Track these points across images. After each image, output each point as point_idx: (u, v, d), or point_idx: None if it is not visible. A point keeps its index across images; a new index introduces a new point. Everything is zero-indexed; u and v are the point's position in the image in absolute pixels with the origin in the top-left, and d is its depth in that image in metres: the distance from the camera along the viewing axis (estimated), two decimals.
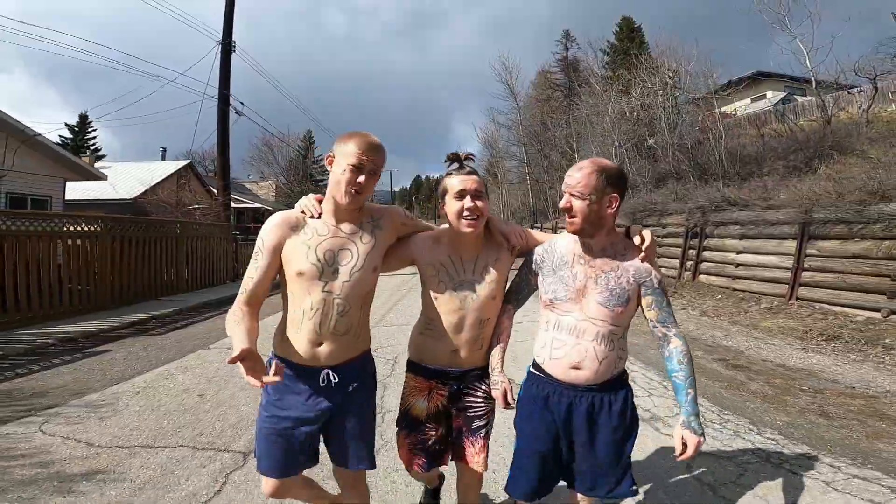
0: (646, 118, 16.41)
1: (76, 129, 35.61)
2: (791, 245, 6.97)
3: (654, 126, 16.22)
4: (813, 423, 3.05)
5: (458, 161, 1.52)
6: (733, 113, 24.24)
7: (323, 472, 2.03)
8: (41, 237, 6.41)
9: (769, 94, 27.56)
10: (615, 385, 1.45)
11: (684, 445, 1.32)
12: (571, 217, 1.39)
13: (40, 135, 10.40)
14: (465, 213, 1.43)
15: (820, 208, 6.61)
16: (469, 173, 1.48)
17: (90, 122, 36.16)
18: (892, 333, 5.28)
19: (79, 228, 7.20)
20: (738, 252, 8.13)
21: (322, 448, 1.52)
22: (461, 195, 1.43)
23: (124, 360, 4.57)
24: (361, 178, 1.36)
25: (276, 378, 1.19)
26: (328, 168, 1.42)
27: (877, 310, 5.69)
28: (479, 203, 1.44)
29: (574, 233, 1.42)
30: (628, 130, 16.99)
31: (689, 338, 5.66)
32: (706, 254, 9.03)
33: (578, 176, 1.36)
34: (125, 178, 18.91)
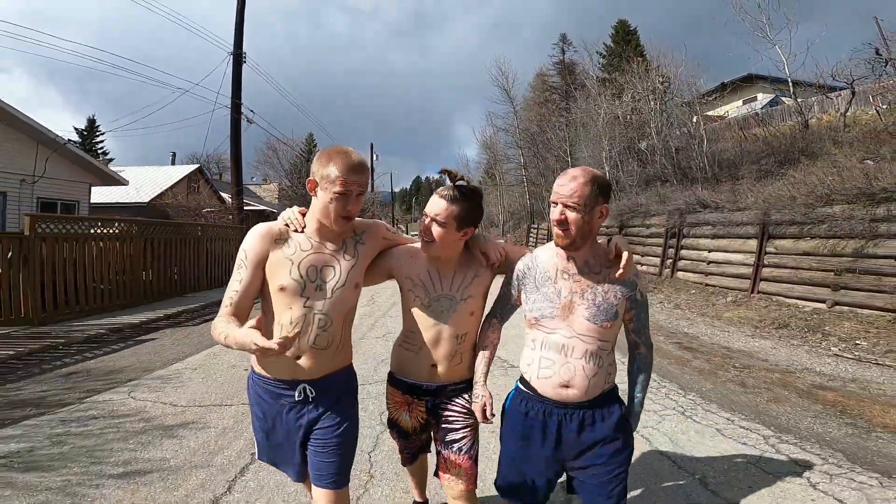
0: (636, 122, 17.16)
1: (85, 132, 36.45)
2: (753, 244, 7.79)
3: (644, 130, 16.99)
4: (730, 390, 3.88)
5: (450, 178, 1.51)
6: (725, 115, 25.00)
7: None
8: (87, 240, 7.26)
9: (759, 96, 28.30)
10: (607, 400, 1.43)
11: None
12: (564, 229, 1.33)
13: (70, 142, 11.24)
14: (423, 233, 1.50)
15: (776, 211, 7.43)
16: (444, 198, 1.45)
17: (98, 126, 37.04)
18: (832, 322, 6.09)
19: (116, 231, 8.05)
20: (710, 251, 8.94)
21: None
22: (426, 215, 1.48)
23: (173, 345, 5.42)
24: (350, 206, 1.36)
25: (292, 335, 1.14)
26: (311, 194, 1.39)
27: (822, 301, 6.50)
28: (434, 227, 1.45)
29: (565, 247, 1.37)
30: (620, 134, 17.75)
31: (657, 326, 6.49)
32: (683, 252, 9.84)
33: (573, 186, 1.30)
34: (138, 181, 19.74)
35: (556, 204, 1.33)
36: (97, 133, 36.99)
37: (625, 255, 1.37)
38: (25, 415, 3.29)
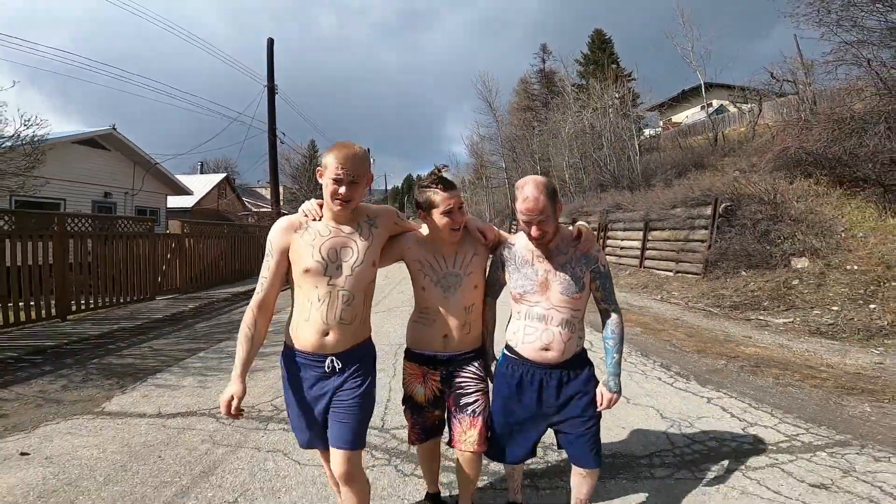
0: (592, 135, 20.95)
1: None
2: (640, 234, 11.70)
3: (599, 142, 20.80)
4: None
5: (440, 180, 1.68)
6: (680, 123, 28.74)
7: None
8: (206, 237, 11.07)
9: (714, 102, 32.01)
10: (578, 362, 1.73)
11: (601, 398, 1.71)
12: (541, 239, 1.62)
13: (159, 163, 15.01)
14: (454, 227, 1.68)
15: (652, 212, 11.34)
16: (451, 188, 1.67)
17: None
18: (670, 282, 10.00)
19: (225, 231, 11.88)
20: (621, 239, 12.84)
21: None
22: (449, 213, 1.65)
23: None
24: (342, 190, 1.51)
25: (234, 414, 1.46)
26: (319, 180, 1.58)
27: (670, 270, 10.42)
28: (461, 216, 1.69)
29: (546, 246, 1.67)
30: (584, 143, 21.42)
31: None
32: (609, 241, 13.74)
33: (533, 205, 1.56)
34: None
35: (529, 223, 1.60)
36: None
37: (584, 232, 1.73)
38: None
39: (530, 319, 1.70)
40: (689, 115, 30.69)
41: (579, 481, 1.80)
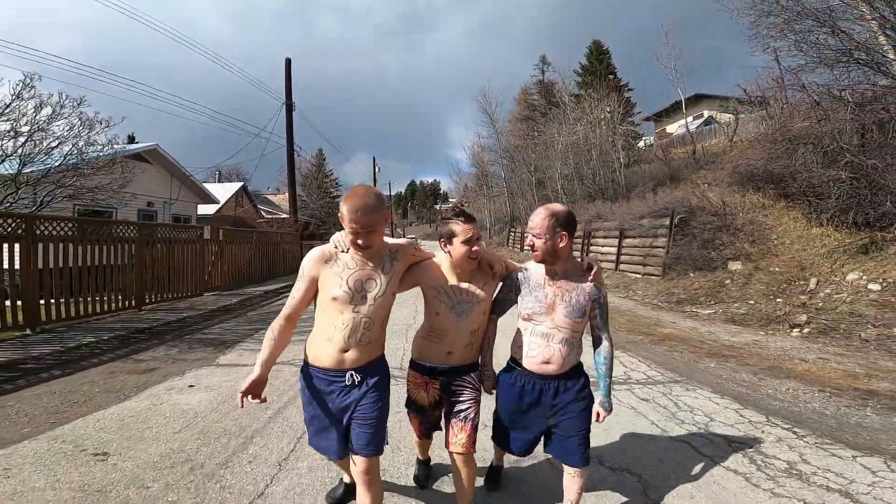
0: (584, 148, 22.62)
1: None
2: (616, 241, 13.38)
3: (589, 154, 22.46)
4: None
5: (462, 213, 1.92)
6: (671, 134, 30.18)
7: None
8: (240, 242, 12.89)
9: (706, 112, 33.47)
10: (575, 372, 1.99)
11: (598, 415, 1.98)
12: (535, 251, 1.90)
13: (192, 175, 16.87)
14: (472, 256, 1.89)
15: (624, 221, 13.03)
16: (470, 220, 1.90)
17: (136, 141, 42.55)
18: (636, 283, 11.67)
19: (253, 237, 13.70)
20: (602, 246, 14.52)
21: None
22: (468, 242, 1.87)
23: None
24: (360, 241, 1.68)
25: (257, 400, 1.64)
26: (343, 225, 1.71)
27: (639, 273, 12.09)
28: (478, 247, 1.90)
29: (539, 261, 1.93)
30: (577, 154, 23.04)
31: None
32: (592, 248, 15.42)
33: (536, 220, 1.87)
34: None
35: (528, 235, 1.91)
36: None
37: (595, 267, 1.95)
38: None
39: (535, 336, 1.94)
40: (681, 125, 32.20)
41: (570, 482, 2.01)
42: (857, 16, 8.90)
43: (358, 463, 1.78)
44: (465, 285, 1.96)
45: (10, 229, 6.13)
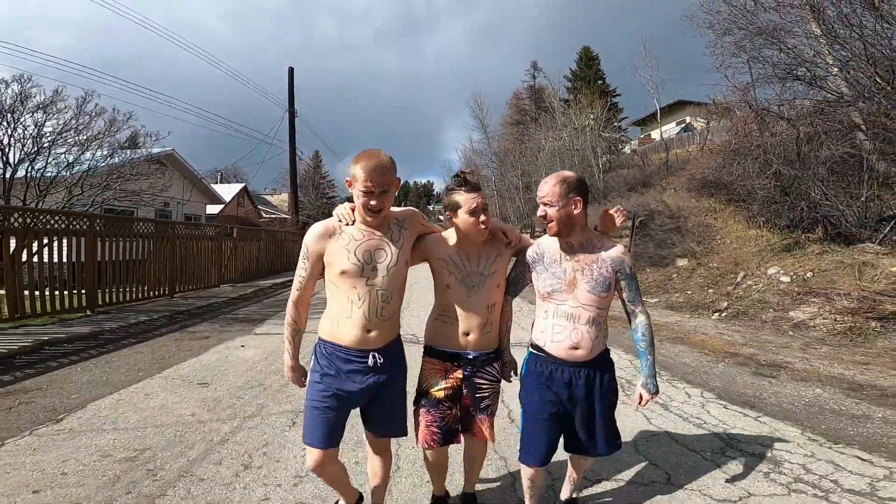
0: (569, 153, 24.11)
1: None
2: None
3: (574, 160, 23.94)
4: None
5: (465, 182, 1.77)
6: (654, 139, 31.69)
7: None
8: (250, 240, 14.30)
9: (688, 118, 34.95)
10: (604, 361, 1.83)
11: (640, 398, 1.82)
12: (549, 223, 1.73)
13: (204, 177, 18.22)
14: (482, 226, 1.75)
15: (597, 223, 14.62)
16: (475, 189, 1.77)
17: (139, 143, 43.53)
18: None
19: (262, 234, 15.12)
20: None
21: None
22: (474, 212, 1.74)
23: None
24: (373, 202, 1.61)
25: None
26: (349, 190, 1.64)
27: None
28: (487, 215, 1.77)
29: (554, 235, 1.76)
30: (563, 160, 24.43)
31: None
32: None
33: (546, 188, 1.73)
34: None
35: (540, 205, 1.75)
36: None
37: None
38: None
39: (558, 318, 1.78)
40: (665, 130, 33.70)
41: (578, 464, 2.02)
42: (807, 33, 9.75)
43: (382, 443, 1.89)
44: (475, 255, 1.86)
45: (83, 227, 7.59)
